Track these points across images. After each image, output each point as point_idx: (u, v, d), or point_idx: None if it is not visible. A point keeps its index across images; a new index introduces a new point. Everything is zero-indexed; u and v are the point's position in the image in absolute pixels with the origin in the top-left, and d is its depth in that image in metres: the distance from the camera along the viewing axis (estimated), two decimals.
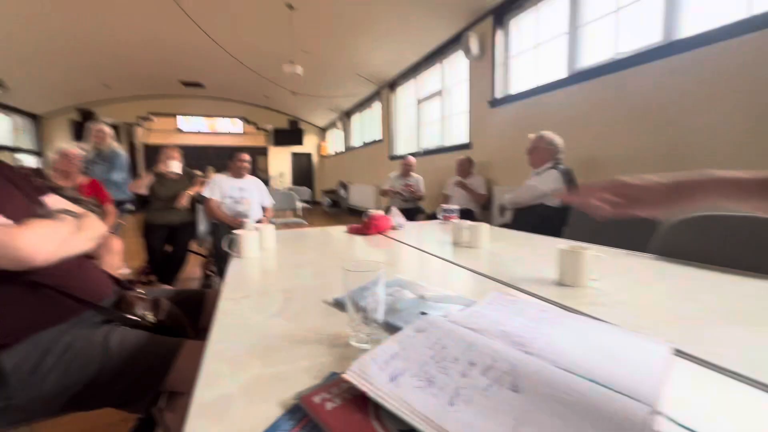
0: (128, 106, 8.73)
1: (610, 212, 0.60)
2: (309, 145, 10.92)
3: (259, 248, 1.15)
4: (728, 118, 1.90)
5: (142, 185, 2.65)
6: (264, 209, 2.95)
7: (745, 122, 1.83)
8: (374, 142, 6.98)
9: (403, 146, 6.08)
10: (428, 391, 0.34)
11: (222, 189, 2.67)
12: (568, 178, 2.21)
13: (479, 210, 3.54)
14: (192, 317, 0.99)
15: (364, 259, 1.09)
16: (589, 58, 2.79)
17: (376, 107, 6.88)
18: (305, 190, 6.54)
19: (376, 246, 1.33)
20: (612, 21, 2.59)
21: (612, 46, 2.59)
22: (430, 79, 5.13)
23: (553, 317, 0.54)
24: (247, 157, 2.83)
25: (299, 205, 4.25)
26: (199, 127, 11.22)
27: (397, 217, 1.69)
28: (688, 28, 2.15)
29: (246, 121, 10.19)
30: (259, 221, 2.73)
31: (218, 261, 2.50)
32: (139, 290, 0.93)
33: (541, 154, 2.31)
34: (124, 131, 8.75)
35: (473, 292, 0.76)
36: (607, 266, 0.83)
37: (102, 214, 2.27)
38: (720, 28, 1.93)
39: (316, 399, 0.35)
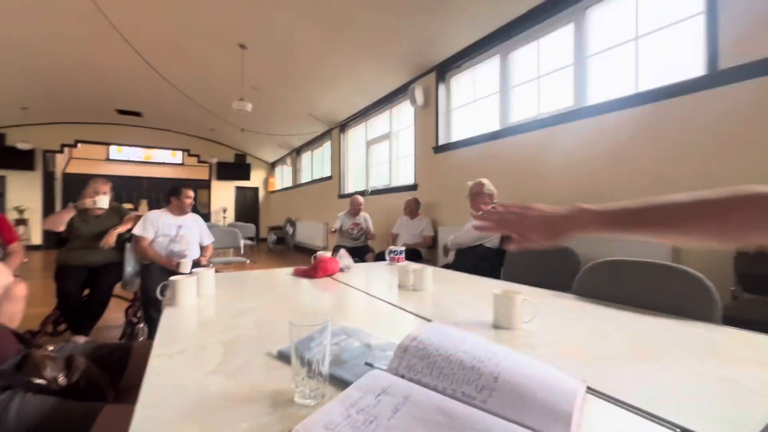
0: (50, 130, 7.93)
1: (516, 245, 0.65)
2: (256, 179, 10.65)
3: (196, 295, 1.08)
4: (626, 171, 2.24)
5: (61, 222, 2.38)
6: (202, 248, 2.78)
7: (642, 176, 2.18)
8: (324, 179, 7.02)
9: (352, 184, 6.20)
10: None
11: (157, 227, 2.48)
12: None
13: (425, 250, 3.66)
14: (113, 376, 0.89)
15: (311, 309, 1.08)
16: (518, 115, 3.16)
17: (327, 146, 7.01)
18: (250, 227, 6.28)
19: (324, 290, 1.31)
20: (534, 86, 3.00)
21: (536, 107, 2.98)
22: (379, 122, 5.41)
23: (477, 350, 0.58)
24: (192, 193, 2.68)
25: (242, 242, 4.06)
26: (132, 156, 10.46)
27: (345, 258, 1.70)
28: (593, 98, 2.56)
29: (188, 153, 9.74)
30: (197, 261, 2.56)
31: (146, 306, 2.26)
32: (49, 347, 0.82)
33: (482, 199, 2.50)
34: (40, 158, 7.85)
35: None
36: (539, 307, 0.92)
37: (5, 256, 1.97)
38: (615, 100, 2.33)
39: None
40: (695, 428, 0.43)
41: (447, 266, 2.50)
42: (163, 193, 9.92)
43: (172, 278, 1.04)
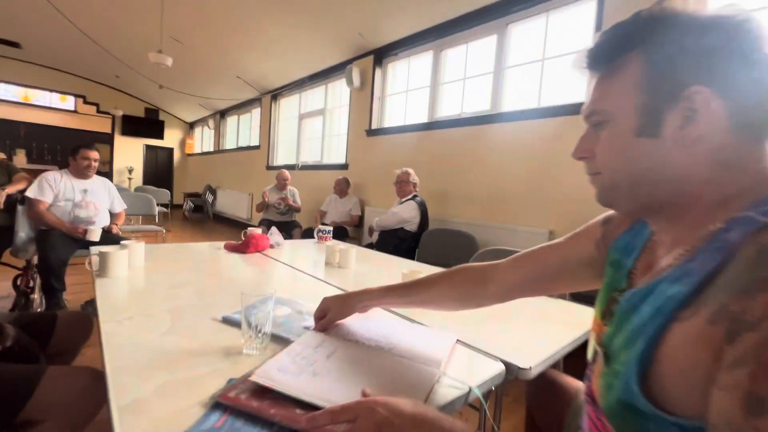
0: None
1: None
2: (171, 139, 9.62)
3: (127, 267, 1.11)
4: (525, 172, 2.68)
5: None
6: (113, 214, 2.58)
7: (533, 178, 2.63)
8: (251, 147, 6.70)
9: (282, 157, 6.05)
10: (302, 377, 0.54)
11: (58, 190, 2.24)
12: (423, 209, 2.71)
13: (352, 228, 3.87)
14: (40, 344, 0.92)
15: (247, 282, 1.20)
16: (445, 111, 3.46)
17: (256, 112, 6.66)
18: (163, 192, 5.77)
19: (255, 264, 1.42)
20: (460, 86, 3.31)
21: (460, 106, 3.30)
22: (314, 97, 5.33)
23: (384, 322, 0.81)
24: (95, 155, 2.44)
25: (157, 210, 3.79)
26: (4, 95, 8.59)
27: (275, 235, 1.80)
28: (507, 106, 2.95)
29: (84, 100, 8.34)
30: (107, 229, 2.39)
31: (45, 275, 2.08)
32: None
33: (407, 187, 2.76)
34: None
35: None
36: None
37: None
38: (523, 111, 2.73)
39: (232, 394, 0.50)
40: (514, 362, 0.70)
41: (370, 245, 2.73)
42: (48, 143, 8.47)
43: (102, 249, 1.06)
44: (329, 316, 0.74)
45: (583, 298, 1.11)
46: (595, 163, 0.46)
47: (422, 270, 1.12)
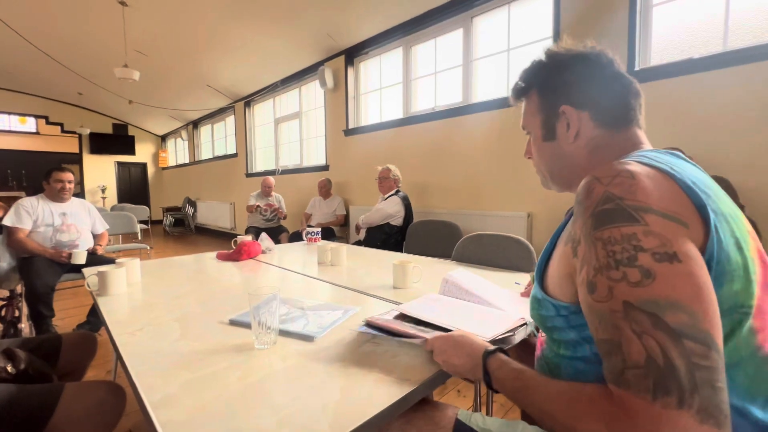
0: None
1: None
2: (143, 154, 9.37)
3: (125, 284, 1.14)
4: (500, 159, 2.79)
5: None
6: (95, 236, 2.55)
7: (508, 164, 2.74)
8: (228, 156, 6.62)
9: (261, 163, 6.01)
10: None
11: (36, 216, 2.20)
12: (407, 203, 2.79)
13: (339, 228, 3.91)
14: (49, 365, 0.94)
15: (247, 287, 1.25)
16: (419, 105, 3.54)
17: (231, 120, 6.58)
18: (142, 209, 5.65)
19: (250, 270, 1.47)
20: (432, 81, 3.39)
21: (433, 100, 3.39)
22: (288, 100, 5.31)
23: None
24: (69, 176, 2.40)
25: (139, 227, 3.73)
26: None
27: (266, 241, 1.84)
28: (478, 97, 3.05)
29: (46, 120, 8.02)
30: (92, 250, 2.36)
31: (32, 303, 2.05)
32: None
33: (389, 183, 2.83)
34: None
35: (339, 300, 1.03)
36: (424, 272, 1.24)
37: None
38: (493, 100, 2.83)
39: (375, 319, 0.76)
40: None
41: (359, 243, 2.80)
42: (11, 168, 8.09)
43: (101, 269, 1.09)
44: None
45: None
46: (533, 162, 0.68)
47: (410, 260, 1.19)
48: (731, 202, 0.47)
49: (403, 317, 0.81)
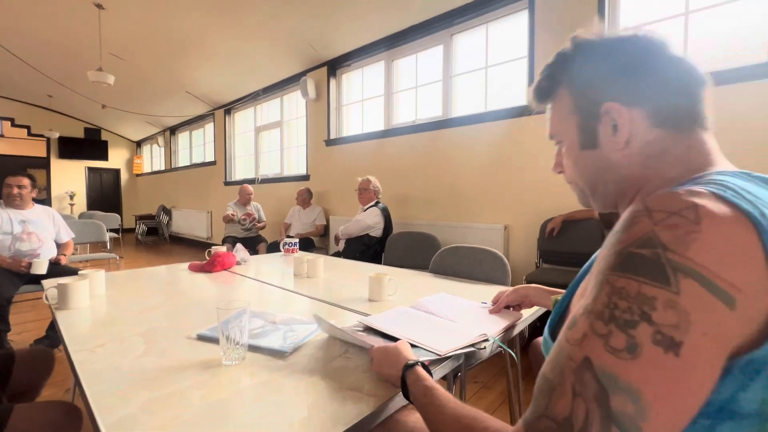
0: None
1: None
2: (117, 160, 9.05)
3: (88, 297, 1.09)
4: (478, 172, 2.86)
5: None
6: (59, 245, 2.43)
7: (486, 177, 2.80)
8: (206, 163, 6.48)
9: (241, 171, 5.92)
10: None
11: None
12: (386, 214, 2.80)
13: (318, 238, 3.87)
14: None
15: (216, 301, 1.21)
16: (401, 118, 3.59)
17: (209, 127, 6.46)
18: (113, 217, 5.43)
19: (223, 282, 1.43)
20: (413, 94, 3.46)
21: (414, 113, 3.44)
22: (269, 109, 5.28)
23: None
24: (20, 181, 2.26)
25: (108, 236, 3.57)
26: None
27: (241, 252, 1.80)
28: (458, 111, 3.12)
29: (12, 123, 7.66)
30: (55, 260, 2.25)
31: None
32: None
33: (368, 195, 2.84)
34: None
35: (314, 313, 1.02)
36: (401, 284, 1.24)
37: None
38: (472, 115, 2.91)
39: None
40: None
41: (337, 254, 2.77)
42: None
43: (60, 281, 1.03)
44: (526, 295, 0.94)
45: None
46: (566, 175, 0.56)
47: (387, 272, 1.19)
48: None
49: (368, 330, 0.83)
